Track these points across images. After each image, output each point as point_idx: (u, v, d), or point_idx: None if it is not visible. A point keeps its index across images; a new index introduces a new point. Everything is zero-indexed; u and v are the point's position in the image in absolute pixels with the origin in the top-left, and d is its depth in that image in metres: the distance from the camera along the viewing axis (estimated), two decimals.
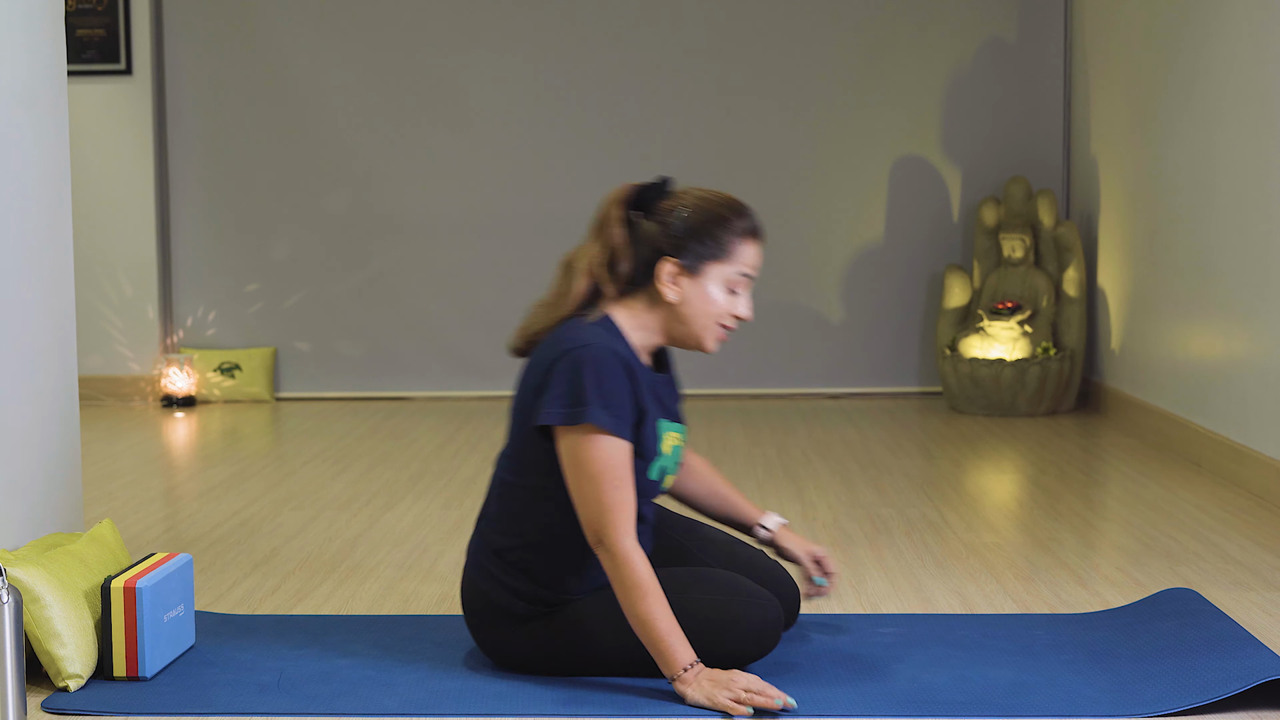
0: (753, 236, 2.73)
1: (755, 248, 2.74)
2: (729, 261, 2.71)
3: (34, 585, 2.69)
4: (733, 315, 2.75)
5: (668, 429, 2.76)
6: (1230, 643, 2.83)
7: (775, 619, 2.72)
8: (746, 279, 2.74)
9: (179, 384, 6.83)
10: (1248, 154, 4.66)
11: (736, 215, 2.72)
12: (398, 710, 2.61)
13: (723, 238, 2.70)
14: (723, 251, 2.71)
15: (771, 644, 2.73)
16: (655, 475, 2.72)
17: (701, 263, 2.70)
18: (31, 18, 3.15)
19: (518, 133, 6.90)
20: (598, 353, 2.61)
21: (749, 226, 2.73)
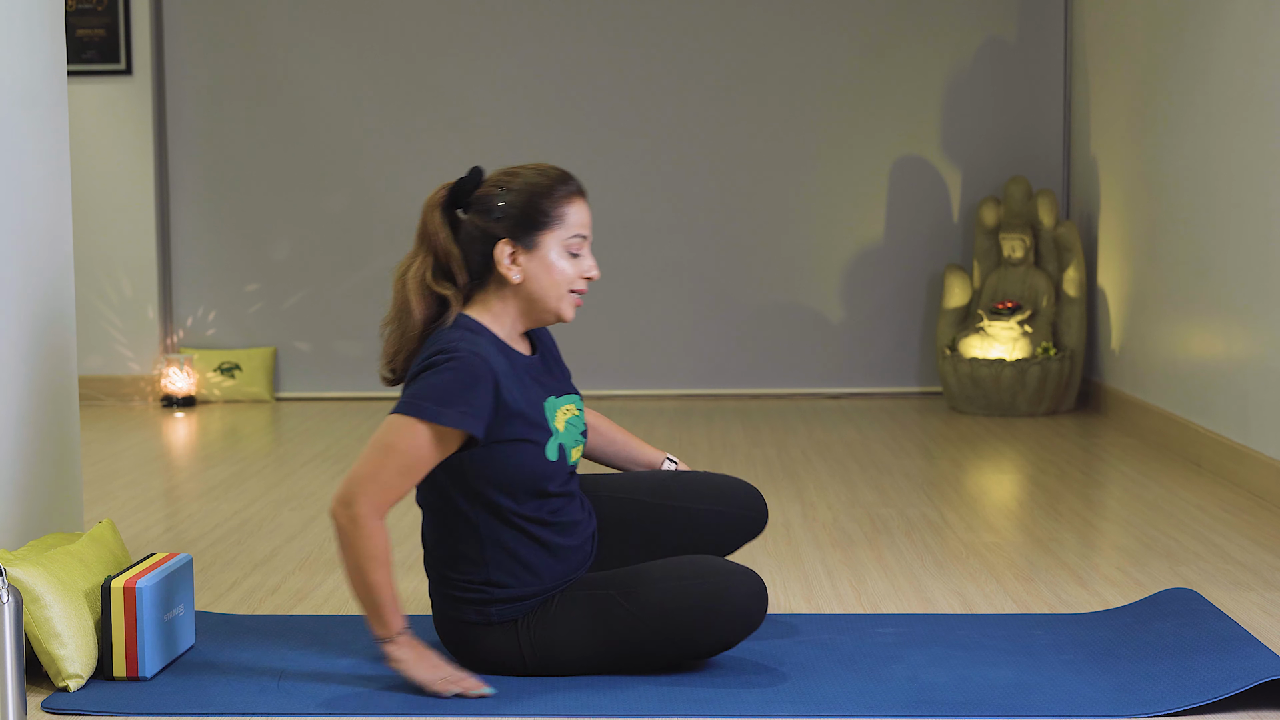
0: (577, 196, 2.76)
1: (581, 206, 2.77)
2: (559, 227, 2.75)
3: (34, 585, 2.69)
4: (581, 278, 2.78)
5: (559, 404, 2.82)
6: (1230, 643, 2.83)
7: (758, 591, 2.73)
8: (581, 239, 2.77)
9: (179, 384, 6.83)
10: (1248, 154, 4.66)
11: (556, 181, 2.75)
12: (398, 710, 2.61)
13: (546, 206, 2.74)
14: (550, 219, 2.74)
15: (759, 619, 2.74)
16: (554, 455, 2.75)
17: (534, 235, 2.74)
18: (31, 18, 3.15)
19: (517, 133, 6.90)
20: (458, 362, 2.64)
21: (570, 189, 2.76)
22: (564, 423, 2.81)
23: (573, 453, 2.82)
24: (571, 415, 2.84)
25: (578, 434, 2.84)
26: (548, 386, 2.83)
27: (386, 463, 2.63)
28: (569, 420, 2.83)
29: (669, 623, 2.69)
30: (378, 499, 2.64)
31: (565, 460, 2.79)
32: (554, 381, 2.86)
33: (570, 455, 2.81)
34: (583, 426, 2.88)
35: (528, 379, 2.77)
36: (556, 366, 2.92)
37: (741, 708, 2.61)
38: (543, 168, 2.78)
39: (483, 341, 2.71)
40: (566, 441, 2.80)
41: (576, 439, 2.84)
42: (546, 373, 2.86)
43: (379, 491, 2.64)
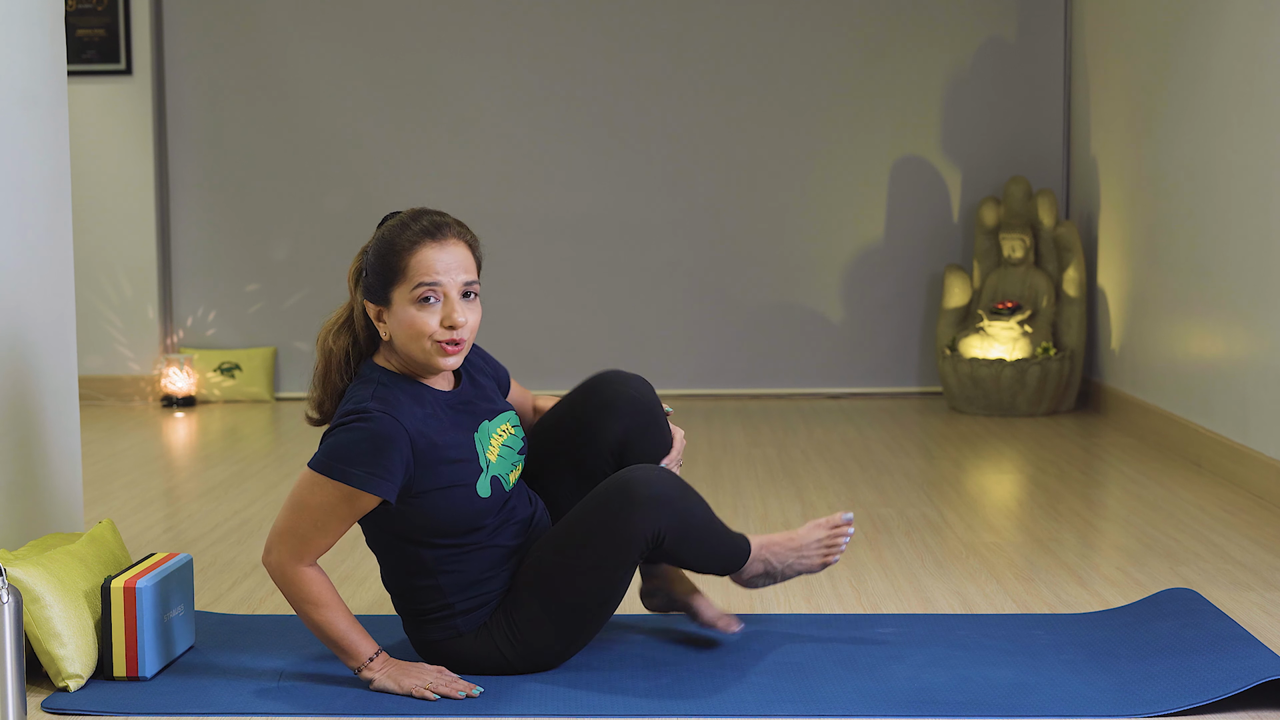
0: (421, 243, 2.66)
1: (428, 253, 2.65)
2: (404, 280, 2.66)
3: (34, 585, 2.69)
4: (441, 327, 2.66)
5: (493, 428, 2.79)
6: (1230, 643, 2.83)
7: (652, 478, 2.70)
8: (426, 287, 2.64)
9: (179, 384, 6.83)
10: (1248, 154, 4.66)
11: (399, 232, 2.68)
12: (397, 710, 2.62)
13: (391, 261, 2.66)
14: (395, 273, 2.66)
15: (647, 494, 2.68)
16: (486, 491, 2.71)
17: (386, 292, 2.68)
18: (31, 18, 3.15)
19: (518, 133, 6.90)
20: (370, 423, 2.61)
21: (411, 238, 2.66)
22: (498, 449, 2.77)
23: (510, 477, 2.77)
24: (507, 436, 2.81)
25: (514, 455, 2.80)
26: (478, 413, 2.78)
27: (300, 518, 2.65)
28: (504, 444, 2.79)
29: (588, 541, 2.70)
30: (297, 551, 2.66)
31: (501, 490, 2.74)
32: (484, 405, 2.81)
33: (508, 481, 2.76)
34: (519, 444, 2.83)
35: (451, 415, 2.73)
36: (486, 385, 2.86)
37: (741, 708, 2.61)
38: (406, 217, 2.70)
39: (395, 394, 2.68)
40: (501, 471, 2.75)
41: (514, 461, 2.80)
42: (476, 398, 2.81)
43: (296, 544, 2.65)
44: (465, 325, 2.67)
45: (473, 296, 2.69)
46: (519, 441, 2.84)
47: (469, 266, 2.69)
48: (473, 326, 2.70)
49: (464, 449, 2.71)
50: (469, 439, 2.73)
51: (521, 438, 2.86)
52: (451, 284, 2.66)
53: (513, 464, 2.80)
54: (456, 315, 2.66)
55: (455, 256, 2.67)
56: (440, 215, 2.72)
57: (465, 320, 2.67)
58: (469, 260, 2.70)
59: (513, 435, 2.83)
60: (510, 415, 2.86)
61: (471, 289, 2.68)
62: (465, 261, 2.69)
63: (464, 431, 2.73)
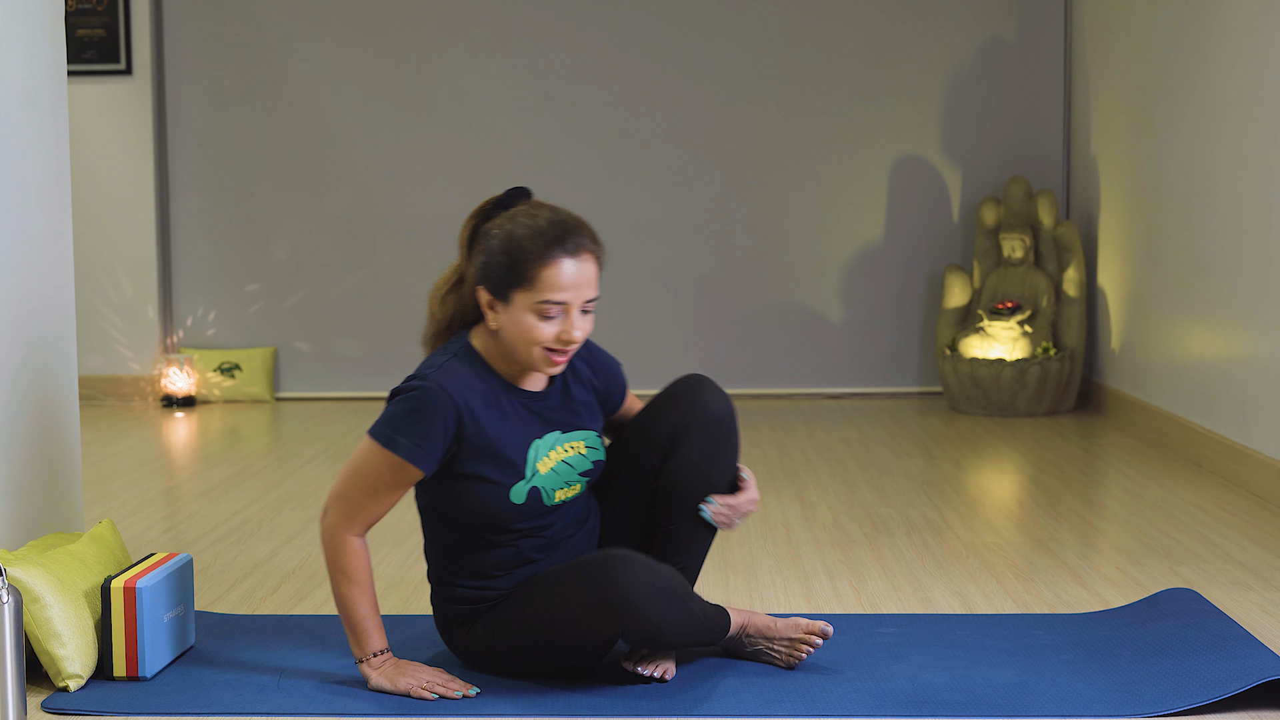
0: (559, 259, 2.61)
1: (562, 269, 2.61)
2: (531, 289, 2.61)
3: (34, 585, 2.69)
4: (557, 339, 2.64)
5: (561, 441, 2.75)
6: (1230, 643, 2.83)
7: (631, 578, 2.57)
8: (554, 304, 2.62)
9: (179, 384, 6.83)
10: (1248, 154, 4.66)
11: (540, 243, 2.61)
12: (397, 710, 2.62)
13: (520, 266, 2.61)
14: (523, 280, 2.62)
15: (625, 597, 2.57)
16: (520, 498, 2.69)
17: (507, 291, 2.64)
18: (31, 18, 3.15)
19: (518, 133, 6.90)
20: (422, 393, 2.63)
21: (552, 253, 2.61)
22: (554, 464, 2.73)
23: (556, 494, 2.74)
24: (573, 455, 2.76)
25: (573, 474, 2.76)
26: (550, 422, 2.75)
27: (354, 484, 2.68)
28: (565, 460, 2.75)
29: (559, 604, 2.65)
30: (348, 516, 2.68)
31: (540, 503, 2.72)
32: (562, 416, 2.77)
33: (551, 497, 2.73)
34: (585, 466, 2.78)
35: (520, 413, 2.72)
36: (580, 398, 2.82)
37: (741, 708, 2.61)
38: (543, 222, 2.64)
39: (463, 370, 2.68)
40: (547, 484, 2.72)
41: (569, 480, 2.75)
42: (558, 408, 2.77)
43: (349, 509, 2.68)
44: (581, 339, 2.66)
45: (591, 310, 2.67)
46: (586, 464, 2.78)
47: (594, 282, 2.67)
48: (589, 331, 2.69)
49: (513, 450, 2.69)
50: (524, 443, 2.70)
51: (593, 461, 2.79)
52: (576, 301, 2.64)
53: (565, 482, 2.75)
54: (575, 332, 2.65)
55: (585, 275, 2.64)
56: (577, 228, 2.65)
57: (581, 336, 2.66)
58: (595, 275, 2.67)
59: (580, 455, 2.77)
60: (590, 436, 2.80)
61: (590, 306, 2.67)
62: (593, 278, 2.66)
63: (524, 434, 2.71)
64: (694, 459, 2.80)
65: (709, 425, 2.81)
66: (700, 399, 2.82)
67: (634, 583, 2.57)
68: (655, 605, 2.59)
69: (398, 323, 6.99)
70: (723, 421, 2.82)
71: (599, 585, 2.58)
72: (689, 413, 2.81)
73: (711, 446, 2.81)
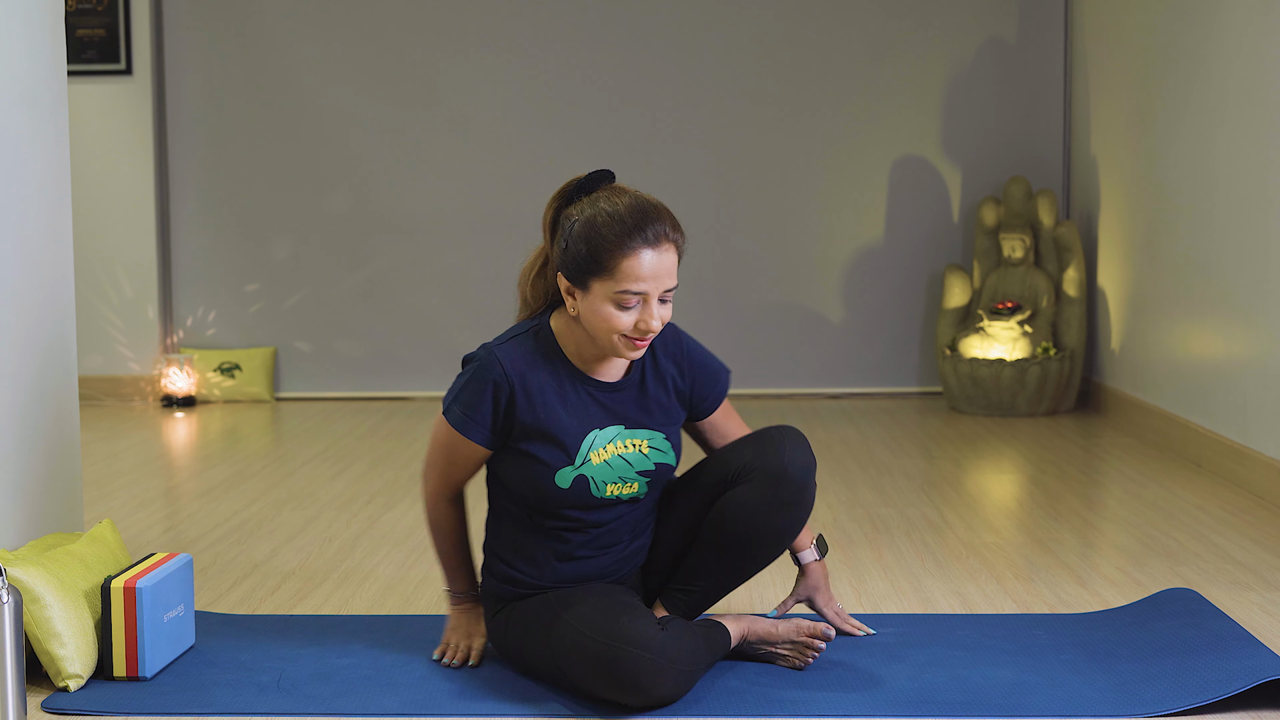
0: (639, 250, 2.59)
1: (641, 260, 2.59)
2: (610, 279, 2.60)
3: (34, 585, 2.69)
4: (635, 328, 2.63)
5: (626, 437, 2.74)
6: (1230, 643, 2.83)
7: (652, 680, 2.52)
8: (632, 295, 2.60)
9: (179, 384, 6.83)
10: (1248, 154, 4.66)
11: (620, 231, 2.60)
12: (398, 710, 2.61)
13: (600, 255, 2.60)
14: (601, 269, 2.61)
15: (646, 699, 2.53)
16: (566, 484, 2.70)
17: (586, 279, 2.63)
18: (31, 18, 3.15)
19: (517, 133, 6.90)
20: (478, 365, 2.71)
21: (631, 244, 2.59)
22: (610, 457, 2.72)
23: (609, 488, 2.73)
24: (632, 452, 2.74)
25: (632, 472, 2.74)
26: (616, 415, 2.74)
27: (432, 453, 2.82)
28: (621, 456, 2.73)
29: (567, 662, 2.62)
30: (436, 483, 2.84)
31: (587, 492, 2.71)
32: (631, 411, 2.76)
33: (602, 489, 2.72)
34: (648, 465, 2.76)
35: (581, 402, 2.72)
36: (656, 396, 2.79)
37: (742, 708, 2.61)
38: (625, 209, 2.61)
39: (524, 348, 2.70)
40: (598, 476, 2.72)
41: (625, 476, 2.74)
42: (630, 401, 2.76)
43: (435, 477, 2.83)
44: (659, 329, 2.65)
45: (671, 296, 2.66)
46: (647, 463, 2.76)
47: (674, 272, 2.65)
48: (668, 319, 2.67)
49: (568, 435, 2.70)
50: (582, 431, 2.71)
51: (655, 463, 2.77)
52: (655, 290, 2.62)
53: (620, 477, 2.74)
54: (654, 321, 2.63)
55: (665, 264, 2.63)
56: (658, 217, 2.63)
57: (659, 325, 2.64)
58: (675, 265, 2.65)
59: (641, 454, 2.76)
60: (656, 436, 2.78)
61: (668, 295, 2.64)
62: (672, 267, 2.64)
63: (583, 422, 2.71)
64: (748, 501, 2.76)
65: (775, 476, 2.75)
66: (782, 449, 2.76)
67: (654, 684, 2.53)
68: (668, 690, 2.56)
69: (398, 323, 6.99)
70: (790, 480, 2.75)
71: (619, 680, 2.52)
72: (764, 457, 2.76)
73: (772, 497, 2.75)
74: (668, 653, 2.54)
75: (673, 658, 2.55)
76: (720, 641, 2.75)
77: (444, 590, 2.96)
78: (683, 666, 2.56)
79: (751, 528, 2.77)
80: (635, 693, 2.53)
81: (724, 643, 2.76)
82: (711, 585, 2.85)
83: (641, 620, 2.58)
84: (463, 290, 6.97)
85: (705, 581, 2.84)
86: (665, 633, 2.58)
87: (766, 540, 2.79)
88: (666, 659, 2.53)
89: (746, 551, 2.80)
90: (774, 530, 2.79)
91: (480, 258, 6.94)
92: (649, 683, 2.52)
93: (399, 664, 2.86)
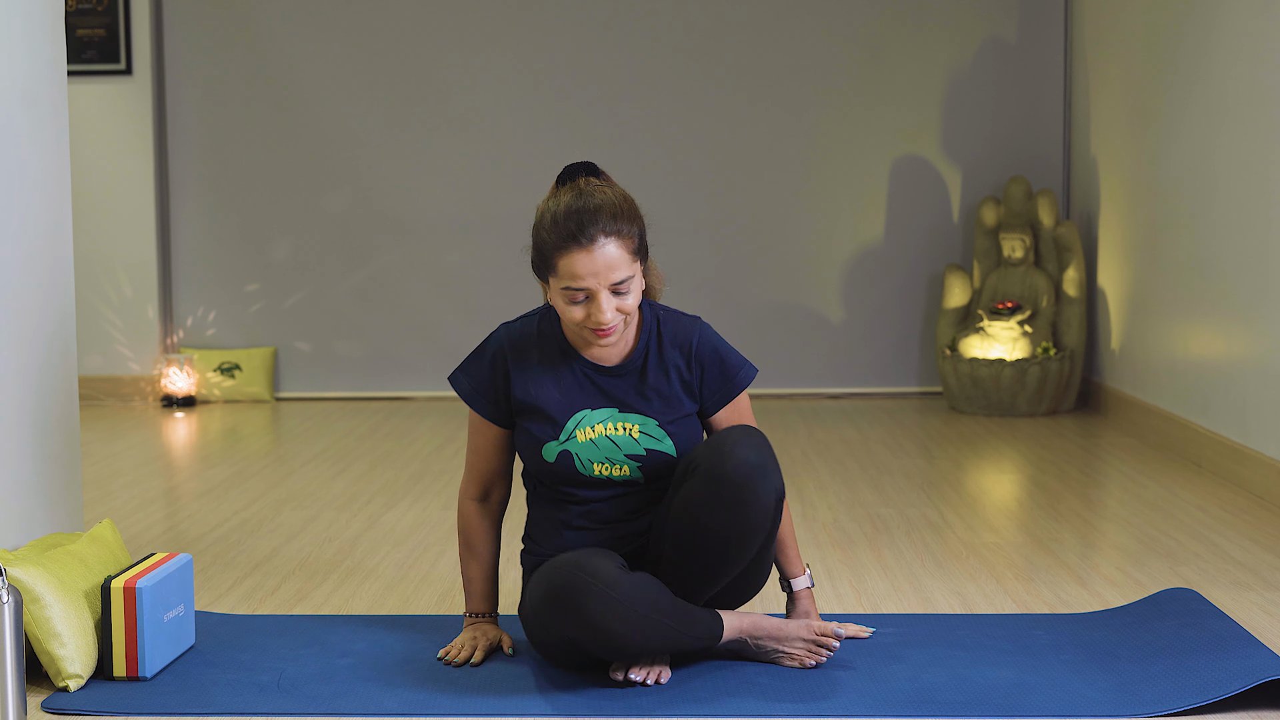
0: (573, 251, 2.65)
1: (578, 260, 2.65)
2: (555, 276, 2.70)
3: (34, 585, 2.69)
4: (589, 320, 2.69)
5: (616, 420, 2.79)
6: (1230, 643, 2.83)
7: (599, 609, 2.56)
8: (576, 291, 2.66)
9: (179, 384, 6.83)
10: (1248, 154, 4.66)
11: (555, 234, 2.67)
12: (398, 710, 2.61)
13: (545, 253, 2.70)
14: (548, 267, 2.71)
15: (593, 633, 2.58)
16: (551, 457, 2.78)
17: (543, 273, 2.74)
18: (31, 18, 3.15)
19: (518, 133, 6.90)
20: (486, 338, 2.86)
21: (565, 246, 2.65)
22: (596, 437, 2.77)
23: (596, 467, 2.78)
24: (621, 435, 2.78)
25: (620, 454, 2.78)
26: (611, 397, 2.79)
27: (468, 441, 2.92)
28: (609, 437, 2.78)
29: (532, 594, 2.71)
30: (466, 479, 2.93)
31: (572, 468, 2.78)
32: (627, 395, 2.80)
33: (589, 468, 2.78)
34: (638, 450, 2.78)
35: (576, 381, 2.80)
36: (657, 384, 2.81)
37: (741, 708, 2.61)
38: (562, 211, 2.67)
39: (528, 327, 2.83)
40: (584, 454, 2.77)
41: (613, 458, 2.78)
42: (627, 386, 2.80)
43: (466, 472, 2.94)
44: (613, 321, 2.69)
45: (625, 291, 2.68)
46: (637, 448, 2.79)
47: (620, 264, 2.67)
48: (629, 309, 2.70)
49: (555, 410, 2.79)
50: (570, 408, 2.79)
51: (646, 449, 2.79)
52: (599, 285, 2.67)
53: (607, 458, 2.78)
54: (603, 316, 2.68)
55: (604, 258, 2.66)
56: (593, 217, 2.66)
57: (611, 317, 2.69)
58: (620, 257, 2.67)
59: (631, 438, 2.79)
60: (649, 423, 2.79)
61: (623, 285, 2.67)
62: (615, 260, 2.66)
63: (573, 401, 2.79)
64: (689, 497, 2.68)
65: (714, 475, 2.64)
66: (726, 448, 2.66)
67: (600, 614, 2.56)
68: (616, 626, 2.57)
69: (398, 323, 6.99)
70: (727, 479, 2.63)
71: (565, 604, 2.59)
72: (710, 453, 2.67)
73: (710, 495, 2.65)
74: (620, 588, 2.58)
75: (625, 595, 2.58)
76: (700, 618, 2.71)
77: (466, 615, 2.96)
78: (636, 609, 2.58)
79: (690, 525, 2.67)
80: (580, 622, 2.57)
81: (706, 621, 2.72)
82: (677, 584, 2.72)
83: (608, 559, 2.65)
84: (463, 290, 6.97)
85: (671, 579, 2.73)
86: (628, 575, 2.62)
87: (710, 543, 2.66)
88: (617, 593, 2.57)
89: (693, 552, 2.68)
90: (715, 531, 2.65)
91: (480, 258, 6.94)
92: (596, 612, 2.56)
93: (399, 664, 2.86)
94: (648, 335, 2.83)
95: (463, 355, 6.98)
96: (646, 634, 2.61)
